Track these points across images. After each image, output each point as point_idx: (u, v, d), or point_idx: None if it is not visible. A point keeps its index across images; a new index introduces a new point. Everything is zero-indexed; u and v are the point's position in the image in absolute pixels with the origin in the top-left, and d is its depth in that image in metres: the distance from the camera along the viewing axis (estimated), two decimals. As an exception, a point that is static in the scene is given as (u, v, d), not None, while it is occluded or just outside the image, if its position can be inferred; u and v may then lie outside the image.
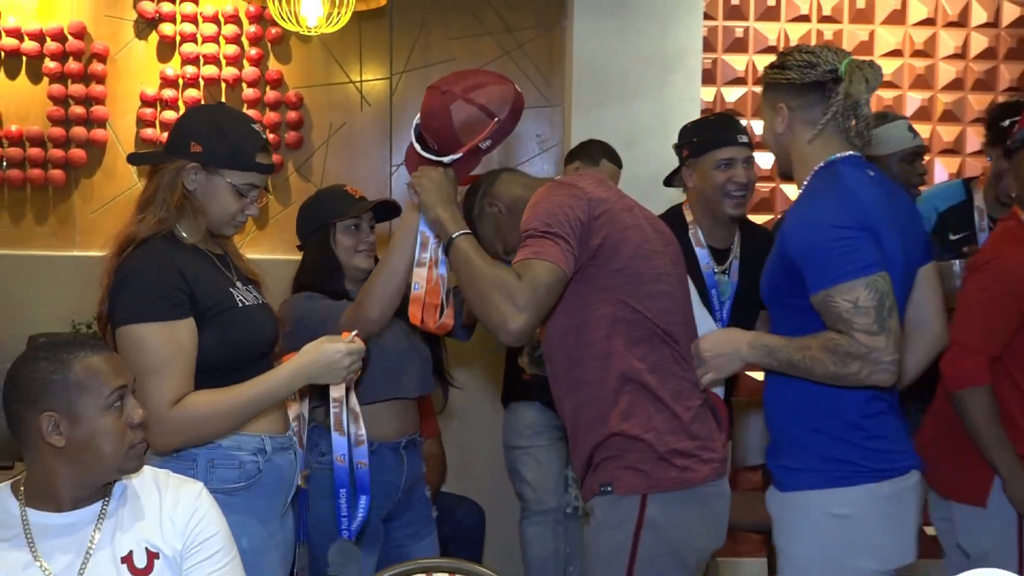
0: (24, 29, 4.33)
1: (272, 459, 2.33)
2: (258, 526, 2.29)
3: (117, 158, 4.39)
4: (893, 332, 2.11)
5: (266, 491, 2.32)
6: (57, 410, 1.83)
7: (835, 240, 2.14)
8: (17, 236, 4.41)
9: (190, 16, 4.37)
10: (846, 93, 2.21)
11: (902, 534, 2.26)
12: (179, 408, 2.17)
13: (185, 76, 4.36)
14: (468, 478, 4.34)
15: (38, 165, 4.37)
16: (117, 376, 1.87)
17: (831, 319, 2.14)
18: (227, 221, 2.34)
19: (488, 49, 4.49)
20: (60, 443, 1.83)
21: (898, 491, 2.23)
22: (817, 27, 4.50)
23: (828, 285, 2.13)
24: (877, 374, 2.12)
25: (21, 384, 1.85)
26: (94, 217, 4.41)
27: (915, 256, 2.34)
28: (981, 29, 4.54)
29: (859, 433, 2.22)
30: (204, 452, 2.26)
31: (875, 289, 2.10)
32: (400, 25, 4.49)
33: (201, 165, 2.28)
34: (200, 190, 2.30)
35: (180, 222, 2.30)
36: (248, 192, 2.32)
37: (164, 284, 2.20)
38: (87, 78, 4.36)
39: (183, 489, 1.99)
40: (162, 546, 1.91)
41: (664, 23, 4.20)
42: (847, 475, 2.21)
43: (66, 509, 1.89)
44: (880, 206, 2.21)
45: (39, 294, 4.33)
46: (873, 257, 2.13)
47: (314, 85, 4.45)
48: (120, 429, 1.86)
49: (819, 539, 2.24)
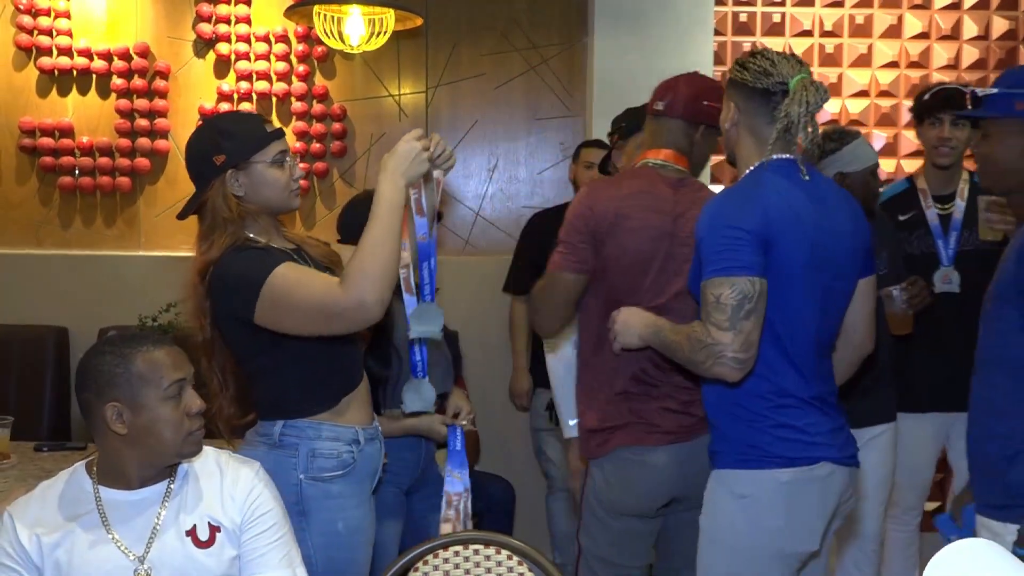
0: (94, 49, 4.36)
1: (364, 449, 2.35)
2: (353, 510, 2.32)
3: (178, 166, 4.41)
4: (744, 333, 2.07)
5: (359, 477, 2.34)
6: (121, 400, 1.85)
7: (721, 238, 2.10)
8: (88, 238, 4.45)
9: (244, 36, 4.38)
10: (786, 111, 2.16)
11: (801, 522, 2.17)
12: (347, 280, 2.10)
13: (239, 91, 4.38)
14: (500, 458, 4.35)
15: (107, 173, 4.40)
16: (176, 370, 1.89)
17: (701, 310, 2.14)
18: (286, 194, 2.30)
19: (515, 64, 4.50)
20: (123, 430, 1.86)
21: (800, 479, 2.15)
22: (819, 41, 4.46)
23: (705, 278, 2.12)
24: (718, 367, 2.09)
25: (89, 375, 1.88)
26: (157, 221, 4.44)
27: (845, 267, 2.25)
28: (972, 42, 4.49)
29: (766, 420, 2.17)
30: (305, 444, 2.27)
31: (739, 290, 2.06)
32: (435, 43, 4.49)
33: (235, 167, 2.25)
34: (248, 188, 2.27)
35: (249, 230, 2.27)
36: (283, 160, 2.29)
37: (261, 254, 2.20)
38: (151, 93, 4.39)
39: (242, 469, 2.01)
40: (223, 520, 1.94)
41: (678, 39, 4.18)
42: (752, 458, 2.17)
43: (134, 487, 1.92)
44: (794, 215, 2.14)
45: (108, 291, 4.36)
46: (750, 261, 2.08)
47: (356, 99, 4.46)
48: (178, 418, 1.88)
49: (723, 516, 2.20)
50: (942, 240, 3.40)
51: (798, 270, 2.14)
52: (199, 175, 2.30)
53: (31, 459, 3.23)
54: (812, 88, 2.17)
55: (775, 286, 2.13)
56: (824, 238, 2.18)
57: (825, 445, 2.19)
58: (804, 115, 2.15)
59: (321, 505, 2.27)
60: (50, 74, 4.36)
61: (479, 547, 2.22)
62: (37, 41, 4.33)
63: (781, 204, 2.13)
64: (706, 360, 2.10)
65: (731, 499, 2.19)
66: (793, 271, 2.14)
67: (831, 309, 2.26)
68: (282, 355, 2.26)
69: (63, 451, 3.35)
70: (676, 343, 2.19)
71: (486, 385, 4.35)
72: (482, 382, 4.35)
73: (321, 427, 2.29)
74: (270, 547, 1.97)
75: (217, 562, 1.91)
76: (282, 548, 1.99)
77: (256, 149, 2.26)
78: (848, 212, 2.28)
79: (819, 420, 2.20)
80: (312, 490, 2.26)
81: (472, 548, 2.22)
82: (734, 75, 2.27)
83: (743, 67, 2.24)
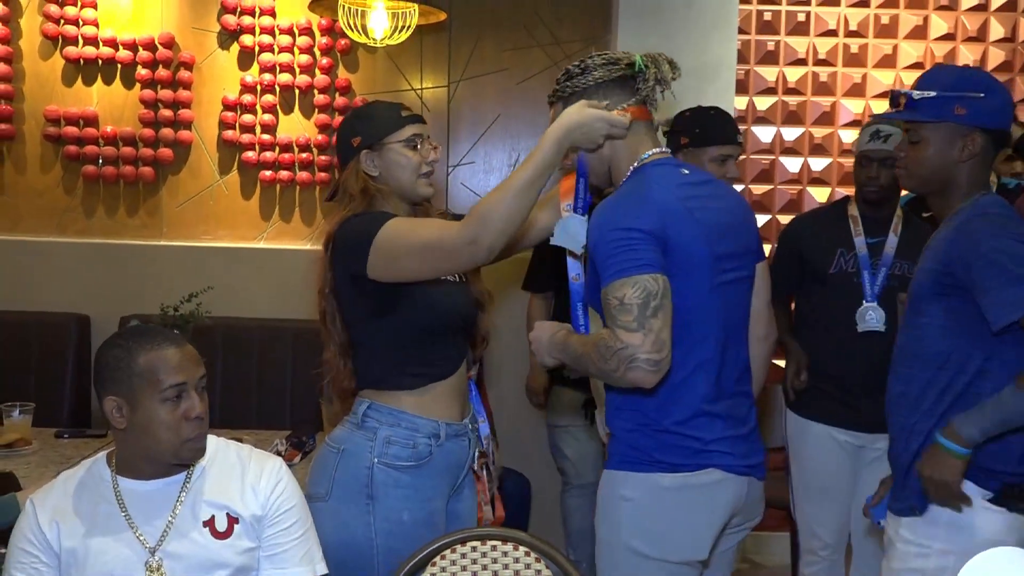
0: (119, 39, 4.35)
1: (445, 444, 2.34)
2: (423, 503, 2.32)
3: (201, 157, 4.44)
4: (654, 331, 1.92)
5: (434, 472, 2.34)
6: (119, 395, 1.85)
7: (614, 241, 1.99)
8: (111, 226, 4.46)
9: (268, 28, 4.39)
10: (656, 79, 2.11)
11: (685, 528, 2.08)
12: (469, 217, 2.11)
13: (263, 83, 4.38)
14: (516, 454, 4.35)
15: (130, 163, 4.40)
16: (179, 372, 1.86)
17: (606, 317, 2.01)
18: (415, 177, 2.37)
19: (538, 60, 4.48)
20: (122, 425, 1.86)
21: (682, 485, 2.07)
22: (844, 41, 4.44)
23: (604, 284, 1.99)
24: (632, 372, 1.93)
25: (98, 367, 1.89)
26: (180, 210, 4.46)
27: (743, 256, 2.18)
28: (999, 44, 4.46)
29: (650, 425, 2.09)
30: (384, 429, 2.30)
31: (642, 287, 1.94)
32: (458, 37, 4.49)
33: (369, 148, 2.36)
34: (382, 169, 2.36)
35: (381, 207, 2.35)
36: (417, 142, 2.37)
37: (383, 214, 2.28)
38: (175, 84, 4.39)
39: (267, 463, 2.02)
40: (242, 512, 1.94)
41: (702, 37, 4.16)
42: (636, 461, 2.09)
43: (148, 478, 1.92)
44: (686, 211, 2.06)
45: (130, 279, 4.39)
46: (649, 258, 1.97)
47: (379, 92, 4.45)
48: (175, 421, 1.86)
49: (612, 518, 2.13)
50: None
51: (700, 265, 2.06)
52: (342, 158, 2.41)
53: (52, 445, 3.26)
54: (660, 57, 2.15)
55: (680, 285, 2.02)
56: (719, 230, 2.11)
57: (718, 452, 2.09)
58: (672, 75, 2.12)
59: (389, 492, 2.27)
60: (76, 63, 4.37)
61: (496, 543, 2.23)
62: (63, 30, 4.35)
63: (671, 200, 2.06)
64: (618, 367, 1.94)
65: (617, 501, 2.11)
66: (695, 267, 2.05)
67: (734, 301, 2.17)
68: (378, 329, 2.32)
69: (83, 438, 3.38)
70: (585, 355, 2.03)
71: (502, 381, 4.35)
72: (499, 378, 4.35)
73: (402, 415, 2.31)
74: (292, 544, 1.98)
75: (234, 553, 1.92)
76: (303, 545, 2.00)
77: (389, 131, 2.36)
78: (734, 200, 2.24)
79: (714, 426, 2.10)
80: (383, 476, 2.27)
81: (490, 544, 2.22)
82: (579, 85, 2.15)
83: (584, 71, 2.16)
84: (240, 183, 4.47)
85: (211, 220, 4.47)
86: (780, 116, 4.45)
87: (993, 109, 2.26)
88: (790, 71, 4.45)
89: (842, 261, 3.25)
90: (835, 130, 4.48)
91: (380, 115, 2.39)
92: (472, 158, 4.54)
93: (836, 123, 4.48)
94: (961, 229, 2.19)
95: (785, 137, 4.48)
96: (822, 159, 4.48)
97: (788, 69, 4.45)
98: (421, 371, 2.34)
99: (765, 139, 4.48)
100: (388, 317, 2.30)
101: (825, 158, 4.48)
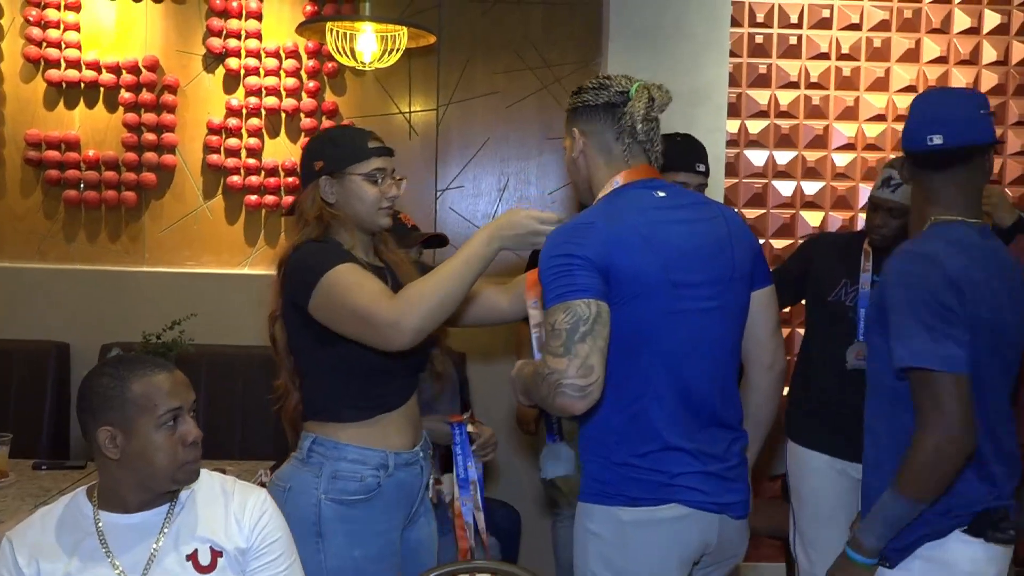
0: (102, 62, 4.34)
1: (395, 474, 2.32)
2: (374, 537, 2.29)
3: (185, 181, 4.41)
4: (580, 357, 1.89)
5: (386, 504, 2.31)
6: (114, 424, 1.83)
7: (554, 268, 1.99)
8: (92, 253, 4.43)
9: (254, 51, 4.38)
10: (629, 112, 2.11)
11: (645, 564, 2.05)
12: (396, 299, 2.14)
13: (248, 106, 4.37)
14: (506, 484, 4.31)
15: (112, 187, 4.37)
16: (173, 397, 1.86)
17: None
18: (374, 211, 2.36)
19: (528, 83, 4.49)
20: (115, 455, 1.84)
21: (642, 520, 2.05)
22: (836, 64, 4.44)
23: (545, 310, 2.00)
24: (559, 397, 1.91)
25: (87, 396, 1.87)
26: (162, 236, 4.42)
27: (727, 281, 2.12)
28: (991, 67, 4.47)
29: (610, 458, 2.07)
30: (329, 464, 2.27)
31: (573, 313, 1.92)
32: (447, 60, 4.48)
33: (330, 175, 2.34)
34: (339, 197, 2.35)
35: (336, 235, 2.36)
36: (378, 177, 2.35)
37: (331, 250, 2.28)
38: (159, 107, 4.38)
39: (250, 495, 1.99)
40: (226, 545, 1.92)
41: (693, 60, 4.17)
42: (600, 494, 2.08)
43: (133, 511, 1.90)
44: (639, 236, 2.03)
45: (111, 307, 4.35)
46: (584, 284, 1.95)
47: (367, 115, 4.44)
48: (172, 446, 1.86)
49: (579, 549, 2.13)
50: None
51: (650, 291, 2.03)
52: (304, 177, 2.41)
53: (30, 477, 3.20)
54: (655, 87, 2.14)
55: (627, 312, 2.01)
56: (680, 256, 2.07)
57: (684, 488, 2.06)
58: (644, 111, 2.11)
59: (338, 529, 2.24)
60: (58, 86, 4.35)
61: (486, 575, 2.19)
62: (45, 53, 4.33)
63: (624, 227, 2.04)
64: (548, 394, 1.93)
65: (584, 533, 2.11)
66: (643, 293, 2.02)
67: (702, 330, 2.09)
68: (326, 357, 2.29)
69: (62, 470, 3.32)
70: (532, 384, 2.02)
71: (492, 409, 4.31)
72: (488, 406, 4.31)
73: (346, 448, 2.28)
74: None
75: (218, 587, 1.88)
76: None
77: (353, 160, 2.34)
78: (715, 226, 2.16)
79: (681, 460, 2.06)
80: (331, 512, 2.24)
81: (480, 577, 2.19)
82: (571, 104, 2.20)
83: (579, 92, 2.20)
84: (225, 208, 4.43)
85: (195, 245, 4.44)
86: (772, 139, 4.44)
87: (907, 131, 2.20)
88: (782, 94, 4.45)
89: (843, 292, 3.23)
90: (828, 153, 4.48)
91: (347, 142, 2.37)
92: (461, 182, 4.52)
93: (829, 146, 4.48)
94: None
95: (778, 160, 4.47)
96: (815, 183, 4.47)
97: (780, 92, 4.45)
98: (366, 404, 2.31)
99: (757, 163, 4.47)
100: (333, 347, 2.26)
101: (818, 182, 4.47)
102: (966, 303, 2.02)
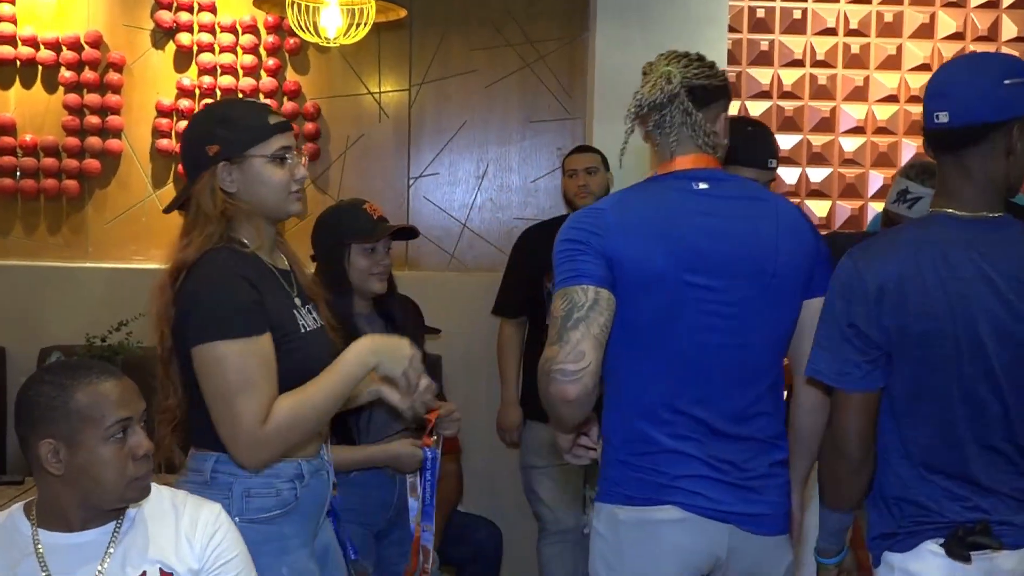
0: (40, 38, 4.29)
1: (309, 484, 2.27)
2: (298, 550, 2.24)
3: (132, 169, 4.38)
4: (571, 343, 1.98)
5: (302, 516, 2.26)
6: (56, 437, 1.80)
7: (560, 252, 2.10)
8: (30, 247, 4.39)
9: (208, 26, 4.34)
10: (656, 101, 2.16)
11: (639, 567, 2.11)
12: (270, 422, 2.09)
13: (202, 86, 4.33)
14: (486, 499, 4.30)
15: (52, 175, 4.33)
16: (122, 407, 1.82)
17: None
18: (284, 196, 2.23)
19: (509, 60, 4.48)
20: (59, 470, 1.81)
21: (637, 520, 2.10)
22: (844, 40, 4.46)
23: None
24: (551, 384, 1.98)
25: (25, 407, 1.84)
26: (107, 228, 4.39)
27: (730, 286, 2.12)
28: (1011, 43, 4.49)
29: (616, 456, 2.15)
30: (239, 482, 2.18)
31: (568, 299, 2.01)
32: (420, 36, 4.47)
33: (228, 160, 2.18)
34: (241, 185, 2.20)
35: (239, 231, 2.21)
36: (285, 156, 2.22)
37: (239, 298, 2.12)
38: (103, 88, 4.33)
39: (202, 510, 1.97)
40: (176, 566, 1.90)
41: (688, 35, 4.15)
42: (604, 492, 2.17)
43: (77, 529, 1.87)
44: (656, 228, 2.09)
45: (51, 306, 4.30)
46: (586, 269, 2.04)
47: (332, 96, 4.43)
48: (121, 460, 1.82)
49: (592, 547, 2.21)
50: None
51: (654, 284, 2.07)
52: (192, 166, 2.23)
53: (-39, 494, 3.18)
54: (674, 62, 2.17)
55: (632, 302, 2.06)
56: (697, 255, 2.09)
57: (683, 491, 2.09)
58: (667, 91, 2.14)
59: (261, 550, 2.14)
60: (-9, 64, 4.31)
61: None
62: (-25, 28, 4.28)
63: (637, 218, 2.10)
64: (543, 383, 2.01)
65: (593, 532, 2.20)
66: (647, 285, 2.06)
67: (720, 334, 2.11)
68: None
69: (-2, 485, 3.29)
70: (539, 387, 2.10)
71: (471, 417, 4.29)
72: (467, 414, 4.28)
73: None
74: None
75: (170, 612, 1.87)
76: None
77: (254, 141, 2.19)
78: (777, 220, 2.16)
79: (688, 464, 2.10)
80: (251, 534, 2.11)
81: (458, 599, 2.19)
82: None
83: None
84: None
85: (143, 239, 4.40)
86: (775, 122, 4.45)
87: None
88: (785, 73, 4.46)
89: None
90: (835, 137, 4.49)
91: (243, 121, 2.21)
92: (436, 169, 4.51)
93: (836, 130, 4.49)
94: None
95: (781, 145, 4.49)
96: (822, 169, 4.49)
97: (783, 71, 4.47)
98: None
99: (759, 148, 4.48)
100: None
101: (825, 168, 4.49)
102: (885, 315, 2.00)
